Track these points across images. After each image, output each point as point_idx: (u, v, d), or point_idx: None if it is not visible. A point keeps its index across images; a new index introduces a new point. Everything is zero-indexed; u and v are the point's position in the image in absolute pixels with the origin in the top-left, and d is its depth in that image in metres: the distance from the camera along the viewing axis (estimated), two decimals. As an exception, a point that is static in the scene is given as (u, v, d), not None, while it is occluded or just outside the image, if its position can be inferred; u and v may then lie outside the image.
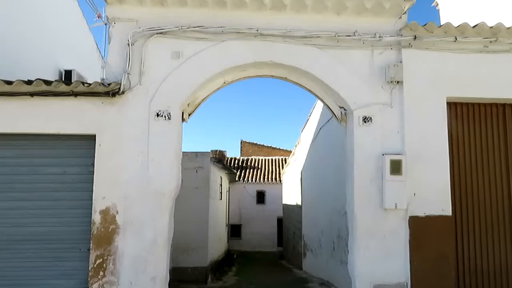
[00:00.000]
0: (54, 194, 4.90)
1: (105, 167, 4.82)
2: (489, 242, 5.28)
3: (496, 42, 5.23)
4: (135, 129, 4.91)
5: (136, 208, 4.81)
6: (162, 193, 4.87)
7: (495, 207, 5.32)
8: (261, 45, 5.14)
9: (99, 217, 4.76)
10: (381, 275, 4.91)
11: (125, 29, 5.04)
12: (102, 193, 4.79)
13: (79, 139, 4.95)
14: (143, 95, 4.98)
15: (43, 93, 4.78)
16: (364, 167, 5.03)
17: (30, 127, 4.86)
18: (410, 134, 5.06)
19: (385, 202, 4.91)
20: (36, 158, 4.95)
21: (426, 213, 4.98)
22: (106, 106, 4.91)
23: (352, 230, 5.12)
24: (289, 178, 18.76)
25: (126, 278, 4.73)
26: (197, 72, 5.07)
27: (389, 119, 5.11)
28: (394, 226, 4.96)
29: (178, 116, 5.05)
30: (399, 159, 4.93)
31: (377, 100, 5.14)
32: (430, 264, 4.91)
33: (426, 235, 4.94)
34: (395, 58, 5.21)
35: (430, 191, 5.00)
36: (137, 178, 4.84)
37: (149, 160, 4.87)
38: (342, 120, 5.43)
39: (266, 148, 31.30)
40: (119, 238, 4.76)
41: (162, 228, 4.83)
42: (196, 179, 11.92)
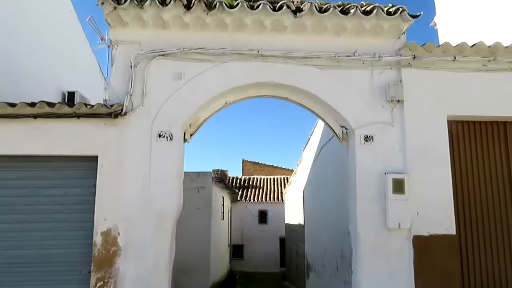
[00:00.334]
0: (55, 216, 4.87)
1: (107, 188, 4.80)
2: (495, 261, 5.20)
3: (494, 61, 5.26)
4: (137, 150, 4.92)
5: (137, 230, 4.77)
6: (164, 214, 4.84)
7: (500, 225, 5.27)
8: (262, 66, 5.19)
9: (100, 239, 4.72)
10: (385, 296, 4.82)
11: (127, 52, 5.11)
12: (103, 214, 4.76)
13: (81, 160, 4.95)
14: (145, 116, 5.00)
15: (46, 115, 4.80)
16: (367, 186, 5.00)
17: (33, 149, 4.87)
18: (412, 153, 5.05)
19: (389, 221, 4.86)
20: (37, 180, 4.94)
21: (430, 232, 4.92)
22: (108, 127, 4.93)
23: (356, 249, 5.06)
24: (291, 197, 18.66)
25: (127, 301, 4.65)
26: (199, 93, 5.11)
27: (390, 137, 5.11)
28: (398, 245, 4.90)
29: (180, 136, 5.06)
30: (401, 178, 4.91)
31: (378, 119, 5.16)
32: (436, 284, 4.82)
33: (431, 255, 4.87)
34: (395, 78, 5.25)
35: (434, 210, 4.95)
36: (139, 199, 4.82)
37: (151, 180, 4.85)
38: (344, 139, 5.43)
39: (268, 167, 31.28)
40: (120, 260, 4.71)
41: (163, 250, 4.79)
42: (198, 199, 11.88)
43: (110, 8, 4.97)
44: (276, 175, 29.06)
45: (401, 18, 5.12)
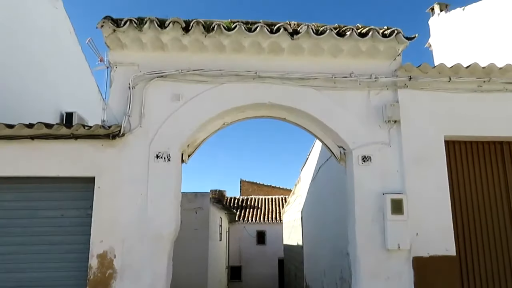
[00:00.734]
0: (51, 238, 4.80)
1: (104, 210, 4.75)
2: (496, 281, 5.13)
3: (489, 82, 5.31)
4: (134, 170, 4.89)
5: (134, 251, 4.70)
6: (161, 236, 4.77)
7: (499, 245, 5.22)
8: (260, 87, 5.22)
9: (96, 262, 4.63)
10: (386, 318, 4.73)
11: (126, 73, 5.14)
12: (99, 236, 4.69)
13: (78, 182, 4.91)
14: (143, 137, 4.99)
15: (43, 136, 4.79)
16: (365, 207, 4.97)
17: (30, 170, 4.84)
18: (410, 173, 5.04)
19: (388, 242, 4.81)
20: (34, 201, 4.88)
21: (430, 253, 4.86)
22: (106, 149, 4.91)
23: (355, 271, 4.98)
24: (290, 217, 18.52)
25: (123, 326, 4.54)
26: (197, 114, 5.11)
27: (388, 158, 5.11)
28: (398, 267, 4.83)
29: (178, 157, 5.04)
30: (400, 198, 4.88)
31: (376, 139, 5.16)
32: (437, 306, 4.74)
33: (431, 276, 4.80)
34: (391, 98, 5.27)
35: (433, 231, 4.91)
36: (136, 220, 4.77)
37: (148, 201, 4.81)
38: (341, 159, 5.42)
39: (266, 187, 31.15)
40: (116, 283, 4.61)
41: (160, 272, 4.70)
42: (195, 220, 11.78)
43: (109, 31, 5.02)
44: (274, 195, 28.91)
45: (397, 40, 5.19)
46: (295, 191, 16.62)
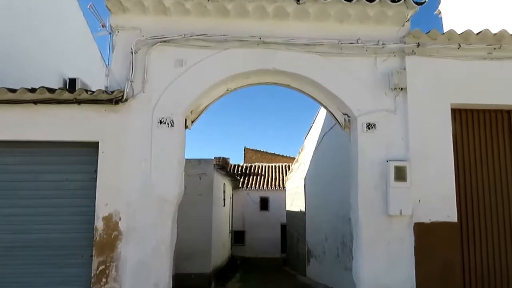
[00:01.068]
0: (57, 201, 4.86)
1: (108, 174, 4.78)
2: (496, 248, 5.19)
3: (500, 49, 5.17)
4: (138, 136, 4.88)
5: (139, 215, 4.76)
6: (165, 200, 4.82)
7: (501, 213, 5.24)
8: (264, 53, 5.11)
9: (102, 224, 4.71)
10: (386, 281, 4.82)
11: (128, 38, 5.03)
12: (105, 199, 4.75)
13: (82, 146, 4.92)
14: (146, 103, 4.95)
15: (46, 101, 4.76)
16: (368, 174, 4.96)
17: (34, 135, 4.84)
18: (414, 141, 5.00)
19: (390, 208, 4.83)
20: (39, 165, 4.92)
21: (431, 219, 4.89)
22: (109, 114, 4.89)
23: (357, 236, 5.04)
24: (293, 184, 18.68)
25: (129, 285, 4.67)
26: (200, 80, 5.04)
27: (393, 125, 5.05)
28: (399, 232, 4.88)
29: (181, 123, 5.02)
30: (403, 166, 4.87)
31: (381, 106, 5.09)
32: (436, 270, 4.82)
33: (432, 242, 4.85)
34: (398, 65, 5.16)
35: (435, 198, 4.92)
36: (140, 185, 4.80)
37: (152, 167, 4.83)
38: (346, 127, 5.37)
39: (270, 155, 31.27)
40: (122, 245, 4.71)
41: (165, 235, 4.78)
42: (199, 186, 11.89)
43: (110, -6, 4.88)
44: (277, 163, 29.06)
45: (406, 4, 5.01)
46: (299, 158, 16.67)
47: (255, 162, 29.77)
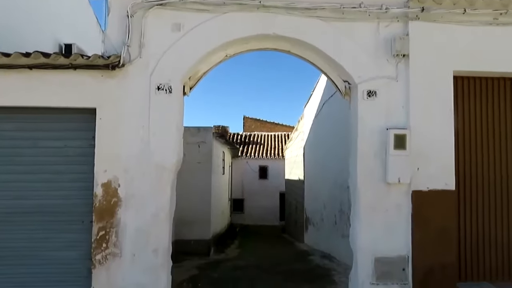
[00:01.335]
0: (56, 167, 4.86)
1: (106, 141, 4.76)
2: (492, 217, 5.25)
3: (506, 15, 5.03)
4: (135, 102, 4.82)
5: (137, 182, 4.77)
6: (164, 167, 4.82)
7: (499, 182, 5.26)
8: (264, 17, 4.97)
9: (101, 190, 4.73)
10: (382, 248, 4.90)
11: (124, 1, 4.87)
12: (103, 166, 4.74)
13: (80, 113, 4.87)
14: (143, 68, 4.86)
15: (42, 66, 4.66)
16: (368, 142, 4.94)
17: (30, 101, 4.78)
18: (415, 109, 4.95)
19: (388, 176, 4.84)
20: (36, 132, 4.88)
21: (429, 187, 4.91)
22: (106, 79, 4.81)
23: (355, 204, 5.08)
24: (292, 153, 18.74)
25: (128, 250, 4.74)
26: (198, 45, 4.93)
27: (394, 93, 4.99)
28: (397, 200, 4.91)
29: (179, 89, 4.94)
30: (403, 134, 4.84)
31: (382, 73, 5.01)
32: (432, 237, 4.88)
33: (429, 209, 4.89)
34: (401, 31, 5.03)
35: (434, 166, 4.92)
36: (139, 151, 4.79)
37: (150, 134, 4.79)
38: (346, 94, 5.31)
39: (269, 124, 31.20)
40: (121, 211, 4.75)
41: (164, 202, 4.81)
42: (198, 154, 11.88)
43: (104, -47, 4.69)
44: (277, 132, 29.05)
45: (411, -34, 4.84)
46: (298, 127, 16.64)
47: (255, 131, 29.74)
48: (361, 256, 4.92)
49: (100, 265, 4.70)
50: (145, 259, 4.73)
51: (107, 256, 4.72)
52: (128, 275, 4.71)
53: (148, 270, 4.73)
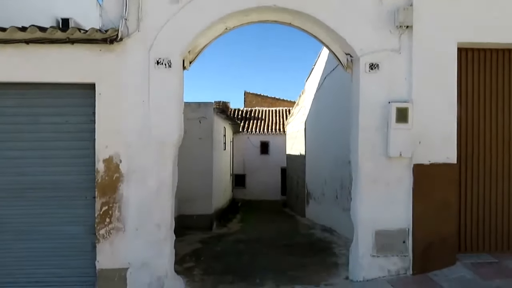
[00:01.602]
0: (57, 143, 4.84)
1: (107, 117, 4.73)
2: (493, 192, 5.26)
3: (513, -17, 4.90)
4: (135, 77, 4.77)
5: (139, 157, 4.78)
6: (165, 143, 4.81)
7: (501, 156, 5.25)
8: (264, -13, 4.84)
9: (103, 166, 4.74)
10: (383, 221, 4.94)
11: (121, -29, 4.75)
12: (104, 142, 4.74)
13: (79, 88, 4.82)
14: (142, 42, 4.78)
15: (38, 40, 4.59)
16: (370, 115, 4.91)
17: (28, 76, 4.72)
18: (418, 82, 4.88)
19: (390, 150, 4.83)
20: (36, 108, 4.84)
21: (430, 161, 4.91)
22: (104, 54, 4.74)
23: (356, 178, 5.09)
24: (293, 128, 18.70)
25: (132, 225, 4.79)
26: (197, 18, 4.82)
27: (397, 65, 4.92)
28: (398, 174, 4.92)
29: (179, 64, 4.88)
30: (405, 107, 4.80)
31: (385, 46, 4.92)
32: (432, 211, 4.92)
33: (430, 183, 4.90)
34: (405, 1, 4.92)
35: (436, 139, 4.90)
36: (139, 127, 4.77)
37: (151, 109, 4.76)
38: (348, 67, 5.24)
39: (270, 99, 31.01)
40: (124, 187, 4.77)
41: (165, 177, 4.83)
42: (199, 130, 11.87)
43: None
44: (278, 107, 28.92)
45: None
46: (299, 102, 16.54)
47: (256, 106, 29.60)
48: (361, 229, 4.97)
49: (104, 240, 4.76)
50: (148, 233, 4.79)
51: (110, 230, 4.77)
52: (132, 248, 4.77)
53: (151, 244, 4.79)
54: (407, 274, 4.93)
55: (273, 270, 5.85)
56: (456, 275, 4.76)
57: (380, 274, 4.93)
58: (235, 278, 5.57)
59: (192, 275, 5.80)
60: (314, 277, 5.46)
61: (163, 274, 4.81)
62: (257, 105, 29.84)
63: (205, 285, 5.31)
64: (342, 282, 5.19)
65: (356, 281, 5.01)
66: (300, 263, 6.28)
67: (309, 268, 5.95)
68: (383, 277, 4.91)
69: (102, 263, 4.76)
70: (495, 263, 5.01)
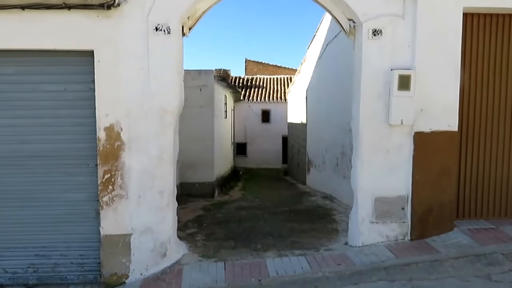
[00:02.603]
0: (57, 111, 4.82)
1: (106, 84, 4.69)
2: (493, 159, 5.29)
3: None
4: (133, 44, 4.69)
5: (140, 125, 4.77)
6: (165, 110, 4.79)
7: (503, 124, 5.24)
8: (265, -51, 4.69)
9: (104, 134, 4.74)
10: (383, 188, 4.99)
11: None
12: (105, 110, 4.72)
13: (78, 55, 4.75)
14: (140, 8, 4.67)
15: (34, 6, 4.48)
16: (372, 83, 4.86)
17: (25, 43, 4.63)
18: (421, 48, 4.80)
19: (391, 118, 4.81)
20: (35, 75, 4.79)
21: (432, 129, 4.90)
22: (102, 20, 4.64)
23: (356, 145, 5.10)
24: (295, 96, 18.59)
25: (135, 192, 4.84)
26: (197, -19, 4.70)
27: (400, 32, 4.82)
28: (399, 141, 4.93)
29: (178, 30, 4.78)
30: (408, 74, 4.74)
31: (389, 11, 4.81)
32: (432, 178, 4.95)
33: (430, 151, 4.91)
34: (410, -36, 4.76)
35: (438, 107, 4.87)
36: (139, 95, 4.74)
37: (150, 76, 4.71)
38: (351, 33, 5.14)
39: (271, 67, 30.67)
40: (125, 154, 4.79)
41: (167, 145, 4.84)
42: (200, 98, 11.82)
43: None
44: (279, 75, 28.64)
45: None
46: (301, 70, 16.35)
47: (257, 74, 29.31)
48: (361, 196, 5.03)
49: (107, 206, 4.83)
50: (151, 200, 4.85)
51: (113, 198, 4.83)
52: (135, 215, 4.85)
53: (154, 211, 4.87)
54: (405, 239, 5.03)
55: (274, 236, 5.97)
56: (453, 241, 4.86)
57: (379, 239, 5.03)
58: (237, 243, 5.69)
59: (195, 240, 5.93)
60: (314, 242, 5.57)
61: (166, 239, 4.91)
62: (258, 73, 29.55)
63: (207, 250, 5.43)
64: (342, 247, 5.30)
65: (355, 246, 5.12)
66: (300, 229, 6.39)
67: (309, 234, 6.06)
68: (381, 242, 5.01)
69: (106, 229, 4.85)
70: (492, 229, 5.10)
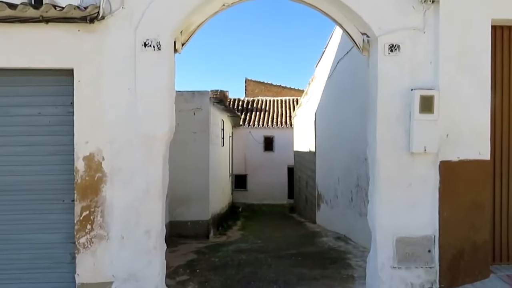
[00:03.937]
0: (29, 138, 4.87)
1: (87, 107, 4.75)
2: (532, 191, 5.26)
3: (556, -50, 4.88)
4: (119, 62, 4.78)
5: (124, 154, 4.80)
6: (154, 137, 4.83)
7: (541, 150, 5.25)
8: (268, -43, 4.85)
9: (83, 164, 4.76)
10: (405, 227, 4.95)
11: None
12: (84, 137, 4.76)
13: (55, 75, 4.85)
14: (127, 21, 4.79)
15: (7, 19, 4.60)
16: (389, 105, 4.91)
17: (-5, 60, 4.76)
18: (445, 65, 4.87)
19: (413, 145, 4.83)
20: (5, 97, 4.86)
21: (460, 157, 4.91)
22: (83, 35, 4.76)
23: (374, 177, 5.10)
24: (301, 121, 18.72)
25: (117, 232, 4.81)
26: (191, -8, 4.84)
27: (420, 47, 4.91)
28: (422, 172, 4.92)
29: (170, 45, 4.89)
30: (430, 95, 4.79)
31: (407, 24, 4.91)
32: (462, 214, 4.92)
33: (459, 182, 4.90)
34: (430, -28, 4.91)
35: (467, 132, 4.89)
36: (125, 119, 4.79)
37: (137, 98, 4.78)
38: (365, 49, 5.24)
39: (275, 87, 31.07)
40: (107, 188, 4.79)
41: (155, 176, 4.85)
42: (194, 123, 11.91)
43: None
44: (284, 97, 28.96)
45: None
46: (309, 91, 16.55)
47: (258, 95, 29.65)
48: (380, 236, 4.98)
49: (84, 249, 4.79)
50: (136, 241, 4.82)
51: (92, 239, 4.80)
52: (116, 259, 4.80)
53: (139, 254, 4.82)
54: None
55: (279, 284, 5.89)
56: (490, 289, 4.78)
57: None
58: (235, 292, 5.61)
59: (186, 289, 5.84)
60: (326, 291, 5.49)
61: (152, 288, 4.85)
62: (260, 95, 29.89)
63: (201, 301, 5.35)
64: (359, 297, 5.22)
65: (374, 295, 5.04)
66: (310, 276, 6.31)
67: (320, 281, 5.98)
68: (405, 291, 4.93)
69: (82, 276, 4.79)
70: (535, 275, 5.01)
